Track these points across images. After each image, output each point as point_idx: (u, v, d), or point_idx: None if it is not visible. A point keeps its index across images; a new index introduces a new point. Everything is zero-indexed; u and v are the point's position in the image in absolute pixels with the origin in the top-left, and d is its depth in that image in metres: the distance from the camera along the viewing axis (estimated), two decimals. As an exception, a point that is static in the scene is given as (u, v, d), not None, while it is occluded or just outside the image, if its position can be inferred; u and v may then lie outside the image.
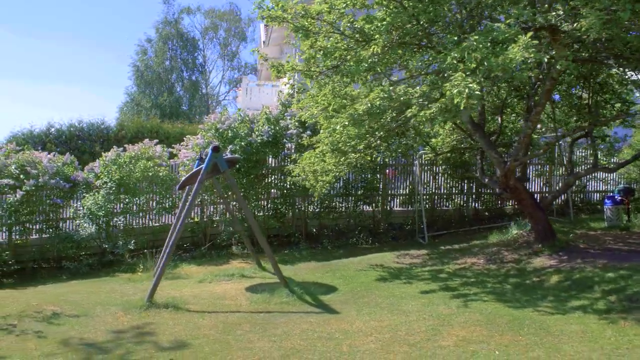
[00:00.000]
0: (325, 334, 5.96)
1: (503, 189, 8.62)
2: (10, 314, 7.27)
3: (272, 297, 7.58)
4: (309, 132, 11.28)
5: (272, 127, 11.55)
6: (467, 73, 5.82)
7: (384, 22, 6.81)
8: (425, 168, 12.82)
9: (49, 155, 11.60)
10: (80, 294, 8.31)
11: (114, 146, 12.00)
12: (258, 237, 8.01)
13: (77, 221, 11.66)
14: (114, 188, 11.13)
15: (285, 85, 14.28)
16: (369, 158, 9.56)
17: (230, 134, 11.41)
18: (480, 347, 5.20)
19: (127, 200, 11.40)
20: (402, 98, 6.68)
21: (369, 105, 6.69)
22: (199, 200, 11.66)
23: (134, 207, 11.59)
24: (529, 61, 5.74)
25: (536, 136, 11.06)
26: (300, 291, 7.65)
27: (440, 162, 11.06)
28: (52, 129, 26.09)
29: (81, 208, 11.28)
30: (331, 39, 8.11)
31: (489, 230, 11.72)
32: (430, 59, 7.10)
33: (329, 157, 9.10)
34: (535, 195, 11.83)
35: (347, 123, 7.27)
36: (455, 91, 5.63)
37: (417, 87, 6.90)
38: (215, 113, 12.00)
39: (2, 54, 64.63)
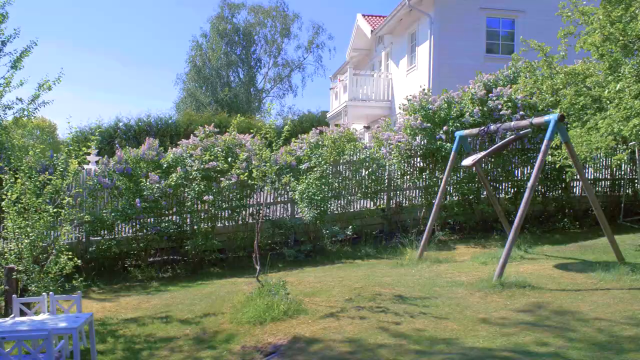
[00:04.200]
0: None
1: None
2: (351, 298, 6.64)
3: (612, 274, 7.08)
4: (521, 113, 10.87)
5: (480, 108, 11.08)
6: None
7: None
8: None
9: (247, 137, 10.88)
10: (381, 277, 7.67)
11: (313, 128, 11.35)
12: (598, 215, 7.50)
13: (276, 207, 11.02)
14: (327, 171, 10.49)
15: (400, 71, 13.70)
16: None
17: (442, 115, 10.90)
18: None
19: (336, 184, 10.77)
20: None
21: None
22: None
23: (343, 191, 10.95)
24: None
25: None
26: (641, 268, 7.20)
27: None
28: (121, 124, 25.05)
29: (291, 192, 10.60)
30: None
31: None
32: None
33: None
34: None
35: None
36: None
37: None
38: (420, 94, 11.44)
39: None
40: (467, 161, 8.27)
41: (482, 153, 8.30)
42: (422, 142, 10.85)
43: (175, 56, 70.17)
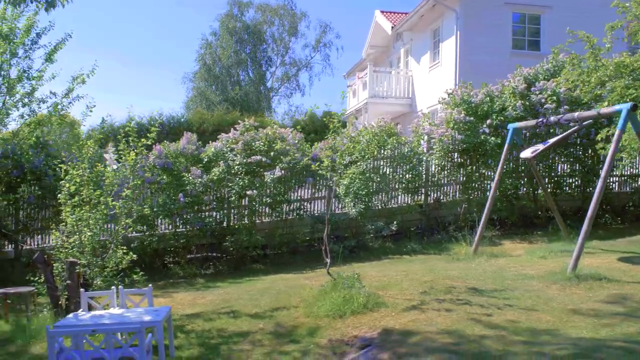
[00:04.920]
0: None
1: None
2: (425, 291, 6.51)
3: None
4: (565, 107, 10.77)
5: (523, 102, 10.98)
6: None
7: None
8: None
9: (288, 131, 10.73)
10: (445, 271, 7.54)
11: (355, 121, 11.21)
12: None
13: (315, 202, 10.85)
14: (370, 166, 10.35)
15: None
16: None
17: (485, 108, 10.79)
18: None
19: (378, 178, 10.62)
20: None
21: None
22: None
23: (384, 186, 10.81)
24: None
25: None
26: None
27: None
28: (132, 122, 24.65)
29: (335, 188, 10.43)
30: None
31: None
32: None
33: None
34: None
35: None
36: None
37: None
38: (460, 87, 11.32)
39: None
40: (526, 153, 8.14)
41: (542, 145, 8.18)
42: (464, 136, 10.72)
43: (176, 56, 69.53)
